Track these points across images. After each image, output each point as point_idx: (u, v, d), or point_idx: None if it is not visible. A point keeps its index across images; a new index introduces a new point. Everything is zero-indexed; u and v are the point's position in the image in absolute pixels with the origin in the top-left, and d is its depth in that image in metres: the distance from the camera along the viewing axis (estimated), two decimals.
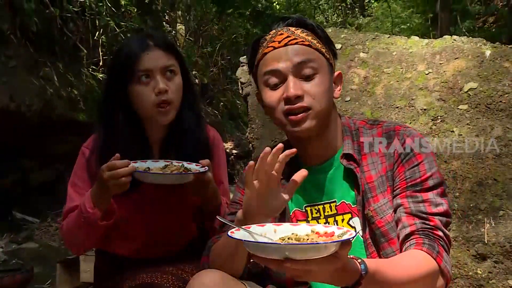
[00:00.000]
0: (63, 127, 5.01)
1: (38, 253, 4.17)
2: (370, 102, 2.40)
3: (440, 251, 1.32)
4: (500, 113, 2.17)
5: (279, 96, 1.39)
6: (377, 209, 1.39)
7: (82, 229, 1.73)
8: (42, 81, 4.68)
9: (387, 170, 1.41)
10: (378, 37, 2.56)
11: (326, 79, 1.41)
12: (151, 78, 1.76)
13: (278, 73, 1.39)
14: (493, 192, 2.11)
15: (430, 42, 2.44)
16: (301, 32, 1.42)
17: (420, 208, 1.36)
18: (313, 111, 1.37)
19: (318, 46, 1.42)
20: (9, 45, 4.37)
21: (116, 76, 1.81)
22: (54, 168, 5.27)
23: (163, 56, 1.79)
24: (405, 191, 1.38)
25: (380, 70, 2.43)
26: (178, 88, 1.81)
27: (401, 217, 1.37)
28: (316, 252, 1.04)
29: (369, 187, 1.41)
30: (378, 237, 1.39)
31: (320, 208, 1.46)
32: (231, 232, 1.15)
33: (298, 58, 1.38)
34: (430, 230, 1.34)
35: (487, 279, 2.10)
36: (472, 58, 2.28)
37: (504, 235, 2.07)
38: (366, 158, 1.44)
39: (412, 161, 1.39)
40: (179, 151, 1.86)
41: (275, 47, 1.40)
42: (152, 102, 1.76)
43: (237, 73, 2.80)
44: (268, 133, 2.59)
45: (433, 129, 2.25)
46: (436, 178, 1.39)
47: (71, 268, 3.41)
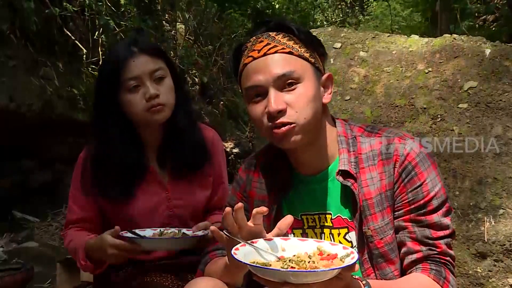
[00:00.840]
0: (63, 127, 5.01)
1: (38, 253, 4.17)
2: (370, 101, 2.40)
3: (447, 276, 1.31)
4: (500, 111, 2.17)
5: (261, 110, 1.32)
6: (378, 229, 1.34)
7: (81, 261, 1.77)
8: (42, 80, 4.68)
9: (386, 189, 1.35)
10: (378, 36, 2.56)
11: (311, 86, 1.33)
12: (141, 85, 1.74)
13: (259, 88, 1.32)
14: (493, 191, 2.11)
15: (430, 41, 2.44)
16: (282, 37, 1.34)
17: (425, 233, 1.32)
18: (297, 125, 1.30)
19: (300, 51, 1.33)
20: (8, 45, 4.37)
21: (106, 85, 1.80)
22: (54, 168, 5.27)
23: (150, 61, 1.77)
24: (409, 214, 1.33)
25: (380, 69, 2.43)
26: (169, 90, 1.79)
27: (406, 241, 1.34)
28: (316, 277, 1.05)
29: (367, 204, 1.35)
30: (376, 257, 1.35)
31: (316, 218, 1.42)
32: (235, 249, 1.14)
33: (278, 69, 1.30)
34: (437, 256, 1.32)
35: (487, 278, 2.10)
36: (472, 57, 2.28)
37: (504, 233, 2.07)
38: (365, 173, 1.36)
39: (414, 181, 1.32)
40: (176, 154, 1.85)
41: (254, 57, 1.33)
42: (144, 108, 1.74)
43: None
44: None
45: (433, 128, 2.25)
46: (440, 197, 1.34)
47: (71, 267, 3.40)
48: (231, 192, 1.57)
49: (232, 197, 1.55)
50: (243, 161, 1.61)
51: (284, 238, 1.24)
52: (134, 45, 1.78)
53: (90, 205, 1.85)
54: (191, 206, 1.88)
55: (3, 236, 4.49)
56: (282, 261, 1.13)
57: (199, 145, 1.88)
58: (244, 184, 1.53)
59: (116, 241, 1.62)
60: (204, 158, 1.89)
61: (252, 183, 1.51)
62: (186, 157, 1.84)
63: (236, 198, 1.52)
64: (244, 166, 1.57)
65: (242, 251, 1.15)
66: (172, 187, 1.88)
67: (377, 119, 2.36)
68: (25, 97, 4.44)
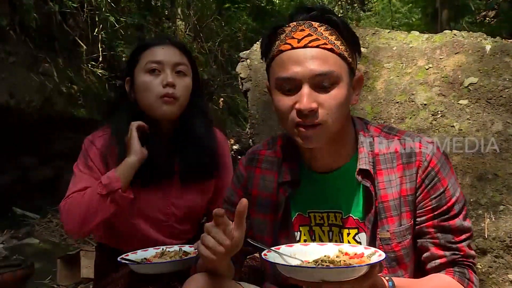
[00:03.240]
0: (63, 123, 5.01)
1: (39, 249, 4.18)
2: (370, 97, 2.40)
3: (470, 277, 1.34)
4: (501, 108, 2.17)
5: (291, 104, 1.26)
6: (397, 233, 1.33)
7: (93, 204, 1.72)
8: (42, 77, 4.67)
9: (407, 194, 1.32)
10: (378, 32, 2.55)
11: (345, 89, 1.28)
12: (161, 72, 1.78)
13: (293, 81, 1.26)
14: (493, 187, 2.11)
15: (430, 37, 2.43)
16: (324, 30, 1.26)
17: (448, 238, 1.33)
18: (325, 126, 1.26)
19: (341, 50, 1.27)
20: (8, 41, 4.36)
21: (128, 63, 1.87)
22: (54, 165, 5.27)
23: (177, 54, 1.82)
24: (432, 220, 1.33)
25: (380, 65, 2.43)
26: (186, 88, 1.81)
27: (429, 247, 1.34)
28: (350, 274, 1.09)
29: (383, 207, 1.33)
30: (390, 260, 1.34)
31: (324, 216, 1.40)
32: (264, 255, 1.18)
33: (317, 67, 1.24)
34: (461, 259, 1.34)
35: (487, 274, 2.10)
36: (473, 53, 2.28)
37: (504, 230, 2.07)
38: (382, 175, 1.33)
39: (437, 188, 1.31)
40: (188, 159, 1.85)
41: (293, 46, 1.26)
42: (158, 93, 1.76)
43: (237, 68, 2.80)
44: (268, 129, 2.58)
45: (433, 124, 2.25)
46: (461, 201, 1.34)
47: (72, 263, 3.42)
48: (231, 187, 1.53)
49: (232, 193, 1.51)
50: (243, 156, 1.57)
51: (304, 244, 1.28)
52: (167, 38, 1.88)
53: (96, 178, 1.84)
54: (188, 207, 1.88)
55: (3, 232, 4.50)
56: (315, 261, 1.17)
57: (213, 154, 1.88)
58: (245, 181, 1.49)
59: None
60: (215, 168, 1.89)
61: (254, 180, 1.47)
62: (199, 165, 1.84)
63: (237, 195, 1.48)
64: (244, 161, 1.52)
65: (271, 256, 1.19)
66: (171, 185, 1.88)
67: (378, 115, 2.35)
68: (25, 94, 4.44)
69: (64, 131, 5.08)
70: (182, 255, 1.70)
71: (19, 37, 4.50)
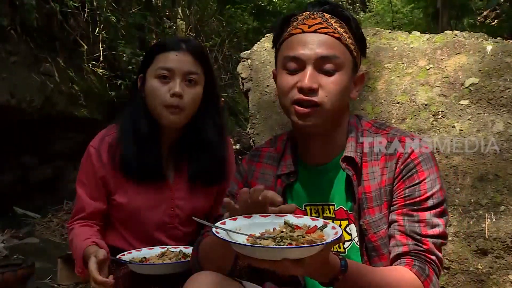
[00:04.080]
0: (64, 123, 5.00)
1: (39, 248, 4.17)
2: (371, 97, 2.40)
3: (430, 274, 1.29)
4: (502, 108, 2.17)
5: (293, 83, 1.33)
6: (372, 223, 1.35)
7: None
8: (43, 76, 4.67)
9: (386, 184, 1.35)
10: (379, 33, 2.55)
11: (346, 78, 1.34)
12: (171, 79, 1.75)
13: (299, 60, 1.32)
14: (494, 188, 2.11)
15: (431, 37, 2.44)
16: (335, 22, 1.34)
17: (415, 228, 1.32)
18: (321, 108, 1.31)
19: (348, 42, 1.34)
20: (9, 40, 4.35)
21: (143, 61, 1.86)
22: (54, 165, 5.26)
23: (190, 62, 1.78)
24: (401, 209, 1.33)
25: (381, 66, 2.42)
26: (194, 98, 1.78)
27: (395, 234, 1.33)
28: (313, 250, 1.06)
29: (366, 197, 1.36)
30: (370, 251, 1.36)
31: (319, 208, 1.43)
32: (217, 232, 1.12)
33: (323, 50, 1.31)
34: (422, 253, 1.31)
35: (488, 274, 2.10)
36: (474, 53, 2.28)
37: (505, 230, 2.07)
38: (367, 166, 1.37)
39: (413, 179, 1.33)
40: (198, 166, 1.85)
41: (303, 30, 1.33)
42: (163, 102, 1.75)
43: (237, 68, 2.80)
44: (268, 129, 2.59)
45: (434, 124, 2.25)
46: (437, 198, 1.33)
47: (72, 263, 3.40)
48: (233, 181, 1.58)
49: (233, 186, 1.55)
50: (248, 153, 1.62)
51: (246, 216, 1.22)
52: (184, 43, 1.81)
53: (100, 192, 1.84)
54: (192, 209, 1.89)
55: (4, 232, 4.49)
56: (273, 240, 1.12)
57: (219, 162, 1.88)
58: (246, 174, 1.53)
59: (98, 278, 1.60)
60: (224, 175, 1.89)
61: (254, 173, 1.51)
62: (211, 171, 1.84)
63: (238, 187, 1.52)
64: (247, 157, 1.57)
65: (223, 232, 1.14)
66: (176, 187, 1.89)
67: (378, 115, 2.35)
68: (26, 93, 4.43)
69: (65, 131, 5.08)
70: (181, 257, 1.70)
71: (20, 37, 4.50)
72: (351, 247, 1.40)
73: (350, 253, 1.39)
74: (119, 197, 1.83)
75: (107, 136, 1.85)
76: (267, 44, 2.71)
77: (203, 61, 1.83)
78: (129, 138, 1.80)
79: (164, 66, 1.76)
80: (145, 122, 1.80)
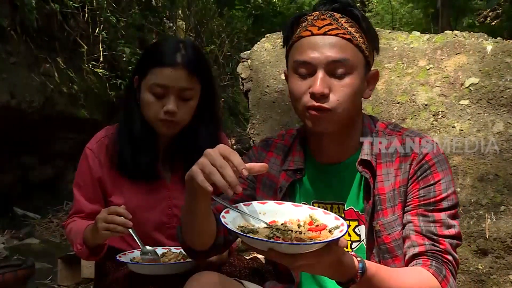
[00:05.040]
0: (64, 124, 5.01)
1: (40, 249, 4.18)
2: (371, 97, 2.39)
3: (447, 275, 1.28)
4: (502, 108, 2.17)
5: (305, 88, 1.31)
6: (386, 225, 1.34)
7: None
8: (43, 77, 4.67)
9: (400, 185, 1.34)
10: (379, 33, 2.53)
11: (358, 80, 1.32)
12: (165, 95, 1.74)
13: (309, 65, 1.30)
14: (494, 188, 2.11)
15: (431, 37, 2.44)
16: (345, 21, 1.32)
17: (430, 228, 1.31)
18: (333, 113, 1.29)
19: (359, 41, 1.32)
20: (9, 41, 4.36)
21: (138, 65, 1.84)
22: (54, 165, 5.27)
23: (186, 78, 1.74)
24: (416, 209, 1.32)
25: (381, 66, 2.42)
26: (188, 111, 1.78)
27: (410, 235, 1.32)
28: (299, 249, 1.05)
29: (379, 199, 1.34)
30: (383, 252, 1.35)
31: (328, 207, 1.41)
32: (222, 217, 1.12)
33: (333, 54, 1.29)
34: (439, 253, 1.30)
35: (488, 274, 2.10)
36: (474, 53, 2.28)
37: (505, 230, 2.07)
38: (381, 168, 1.36)
39: (428, 179, 1.32)
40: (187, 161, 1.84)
41: (313, 33, 1.31)
42: (157, 116, 1.75)
43: (237, 69, 2.80)
44: (269, 129, 2.59)
45: (434, 124, 2.25)
46: (451, 200, 1.32)
47: (72, 263, 3.41)
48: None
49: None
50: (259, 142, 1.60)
51: (278, 202, 1.23)
52: (180, 55, 1.75)
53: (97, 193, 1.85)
54: None
55: (4, 232, 4.50)
56: (270, 228, 1.12)
57: None
58: (255, 159, 1.50)
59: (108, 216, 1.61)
60: None
61: (264, 160, 1.48)
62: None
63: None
64: (258, 145, 1.56)
65: (231, 215, 1.14)
66: (173, 187, 1.89)
67: (379, 115, 2.35)
68: (26, 94, 4.44)
69: (65, 131, 5.08)
70: (181, 258, 1.70)
71: (20, 37, 4.50)
72: (358, 248, 1.39)
73: (357, 253, 1.39)
74: (116, 198, 1.83)
75: (104, 138, 1.86)
76: (267, 44, 2.70)
77: (200, 72, 1.80)
78: (125, 140, 1.82)
79: (159, 82, 1.73)
80: (140, 126, 1.81)
